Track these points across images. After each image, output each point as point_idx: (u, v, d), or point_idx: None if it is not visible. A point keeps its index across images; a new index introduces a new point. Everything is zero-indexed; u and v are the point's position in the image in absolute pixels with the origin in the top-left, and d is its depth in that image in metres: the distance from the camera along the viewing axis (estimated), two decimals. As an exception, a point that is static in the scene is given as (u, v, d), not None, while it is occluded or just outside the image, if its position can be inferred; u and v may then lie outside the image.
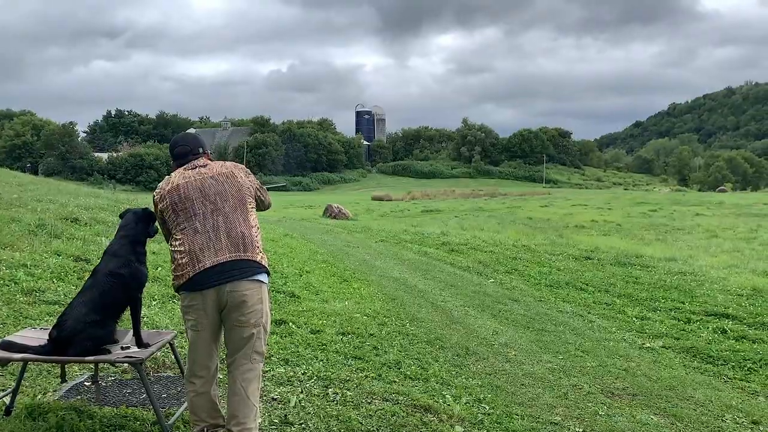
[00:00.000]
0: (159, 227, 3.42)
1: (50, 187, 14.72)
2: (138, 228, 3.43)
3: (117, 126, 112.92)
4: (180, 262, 3.01)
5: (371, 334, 6.10)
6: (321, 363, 4.95)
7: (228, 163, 3.35)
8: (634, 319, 7.83)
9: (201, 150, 3.36)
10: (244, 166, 3.41)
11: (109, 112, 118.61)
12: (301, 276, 9.03)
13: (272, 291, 7.47)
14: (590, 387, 5.06)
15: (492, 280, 10.33)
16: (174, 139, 3.45)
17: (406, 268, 11.18)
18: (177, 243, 3.06)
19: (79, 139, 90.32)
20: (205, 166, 3.25)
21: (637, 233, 22.55)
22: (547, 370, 5.44)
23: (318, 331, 5.96)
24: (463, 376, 5.09)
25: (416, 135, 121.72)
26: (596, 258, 12.88)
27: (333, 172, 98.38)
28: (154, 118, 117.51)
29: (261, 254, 3.17)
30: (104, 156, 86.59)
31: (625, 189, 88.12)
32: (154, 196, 3.23)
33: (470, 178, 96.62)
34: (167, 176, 3.27)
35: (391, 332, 6.33)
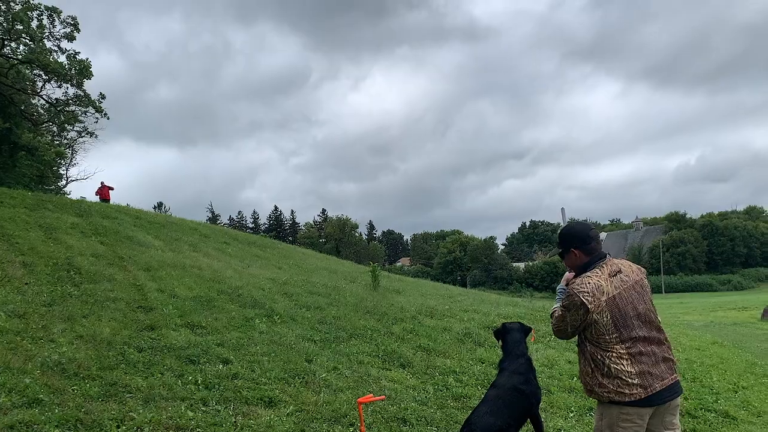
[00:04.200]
0: (564, 326, 3.31)
1: (474, 297, 16.25)
2: (525, 345, 3.63)
3: (531, 236, 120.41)
4: (629, 381, 3.18)
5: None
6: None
7: (634, 266, 3.42)
8: None
9: None
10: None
11: (523, 224, 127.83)
12: (736, 392, 7.81)
13: (701, 409, 6.65)
14: None
15: None
16: (580, 225, 3.51)
17: None
18: (623, 362, 3.20)
19: (498, 251, 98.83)
20: (620, 270, 3.31)
21: None
22: None
23: (763, 462, 5.00)
24: None
25: None
26: None
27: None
28: (573, 219, 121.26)
29: None
30: (521, 265, 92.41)
31: None
32: (585, 303, 3.19)
33: None
34: (587, 278, 3.25)
35: None
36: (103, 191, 27.83)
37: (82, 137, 33.04)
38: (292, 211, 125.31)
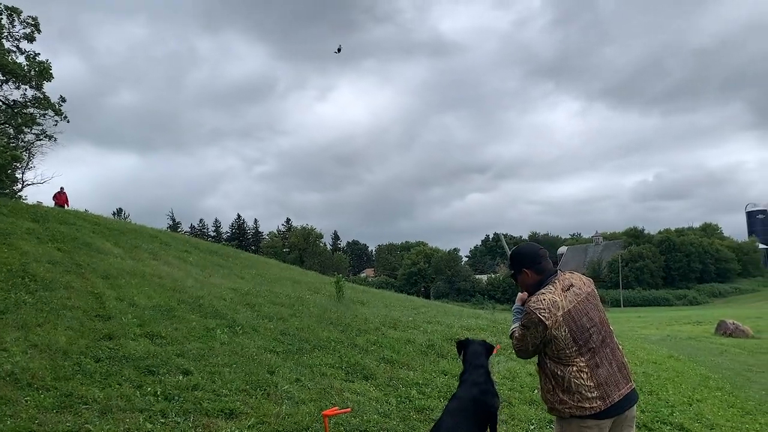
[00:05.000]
0: (525, 345, 3.39)
1: (438, 309, 16.31)
2: (486, 359, 3.77)
3: (494, 249, 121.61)
4: (588, 395, 3.25)
5: (789, 486, 4.99)
6: None
7: (584, 278, 3.51)
8: None
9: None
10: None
11: (487, 237, 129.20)
12: (690, 405, 8.01)
13: (657, 422, 6.80)
14: None
15: None
16: (528, 245, 3.58)
17: (835, 401, 8.99)
18: (582, 375, 3.27)
19: (462, 263, 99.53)
20: (573, 284, 3.39)
21: None
22: None
23: (716, 474, 5.13)
24: None
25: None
26: None
27: (724, 282, 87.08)
28: (527, 239, 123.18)
29: None
30: (484, 277, 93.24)
31: None
32: (543, 320, 3.25)
33: None
34: (541, 295, 3.32)
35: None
36: (61, 197, 27.18)
37: (40, 140, 32.20)
38: (256, 220, 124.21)
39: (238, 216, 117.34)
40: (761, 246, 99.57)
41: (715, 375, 11.21)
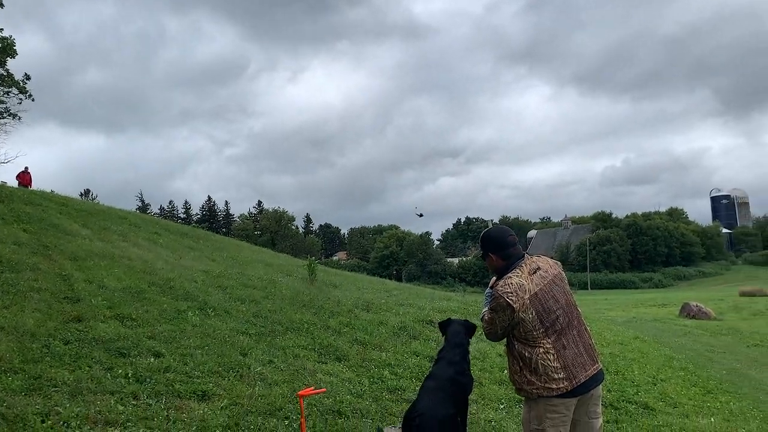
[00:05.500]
0: (494, 328, 3.45)
1: (410, 292, 16.41)
2: (466, 338, 3.83)
3: (465, 232, 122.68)
4: (554, 376, 3.32)
5: (747, 460, 5.18)
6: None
7: (550, 261, 3.57)
8: None
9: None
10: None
11: (458, 221, 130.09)
12: (655, 385, 8.23)
13: (622, 401, 6.98)
14: None
15: None
16: (499, 230, 3.64)
17: (791, 380, 9.32)
18: (549, 356, 3.32)
19: (433, 246, 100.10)
20: (539, 267, 3.45)
21: None
22: None
23: (678, 450, 5.30)
24: None
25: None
26: None
27: (688, 265, 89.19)
28: (497, 222, 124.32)
29: None
30: (455, 261, 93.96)
31: None
32: (510, 303, 3.31)
33: None
34: (508, 279, 3.38)
35: (775, 460, 5.28)
36: (25, 177, 26.57)
37: (3, 119, 31.23)
38: (227, 202, 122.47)
39: (209, 198, 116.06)
40: (724, 230, 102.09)
41: (678, 356, 11.52)
